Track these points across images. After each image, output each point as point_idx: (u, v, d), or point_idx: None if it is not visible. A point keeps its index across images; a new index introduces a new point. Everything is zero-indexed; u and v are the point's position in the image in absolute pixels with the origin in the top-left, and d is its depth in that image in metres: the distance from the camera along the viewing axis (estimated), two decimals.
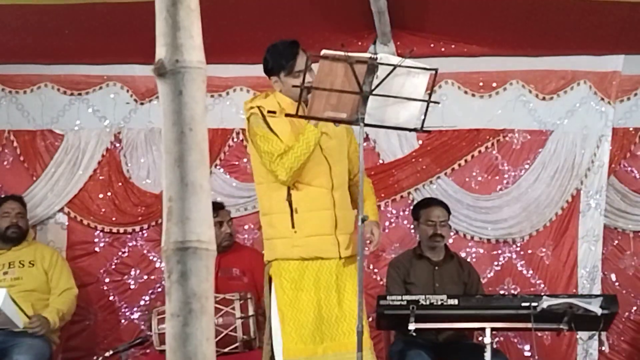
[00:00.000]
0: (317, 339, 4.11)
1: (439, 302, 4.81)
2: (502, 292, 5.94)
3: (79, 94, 6.33)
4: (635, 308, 5.97)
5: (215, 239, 1.89)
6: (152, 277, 6.10)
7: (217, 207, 5.56)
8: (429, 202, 5.58)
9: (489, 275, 6.00)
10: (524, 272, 6.01)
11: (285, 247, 4.22)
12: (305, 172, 4.21)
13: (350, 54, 3.79)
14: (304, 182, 4.24)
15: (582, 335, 5.71)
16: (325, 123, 4.09)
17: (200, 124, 1.86)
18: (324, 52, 3.78)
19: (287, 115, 4.01)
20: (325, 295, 4.17)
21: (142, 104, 6.26)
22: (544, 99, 6.08)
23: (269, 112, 4.19)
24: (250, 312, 4.94)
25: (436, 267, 5.45)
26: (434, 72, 3.84)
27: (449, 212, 5.53)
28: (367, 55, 3.81)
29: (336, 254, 4.17)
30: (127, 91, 6.29)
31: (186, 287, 1.81)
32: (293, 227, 4.20)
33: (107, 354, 5.11)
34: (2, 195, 6.08)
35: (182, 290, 1.81)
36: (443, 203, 5.57)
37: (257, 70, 6.18)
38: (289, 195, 4.23)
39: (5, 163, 6.35)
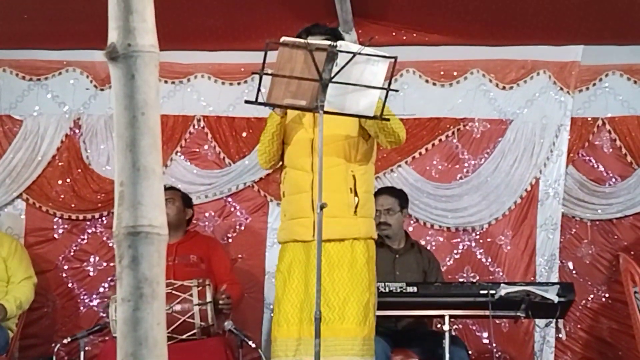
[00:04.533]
0: (291, 321, 4.12)
1: (398, 290, 4.84)
2: (461, 280, 5.98)
3: (38, 79, 6.28)
4: (592, 296, 6.03)
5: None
6: (112, 264, 6.05)
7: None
8: (377, 191, 5.56)
9: (448, 263, 6.04)
10: (483, 260, 6.05)
11: (279, 231, 4.38)
12: (292, 155, 4.27)
13: (310, 41, 3.79)
14: (290, 166, 4.29)
15: (539, 322, 5.78)
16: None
17: (153, 109, 1.84)
18: (283, 39, 3.77)
19: (246, 102, 3.99)
20: (297, 278, 4.18)
21: (102, 90, 6.22)
22: (504, 88, 6.13)
23: None
24: (208, 298, 4.92)
25: (397, 256, 5.47)
26: (393, 60, 3.84)
27: (401, 199, 5.51)
28: (326, 42, 3.80)
29: (310, 236, 4.13)
30: (87, 77, 6.26)
31: (137, 271, 1.80)
32: (283, 211, 4.34)
33: (65, 341, 5.05)
34: None
35: (133, 275, 1.80)
36: (392, 190, 5.58)
37: (219, 56, 6.23)
38: (282, 181, 4.33)
39: None
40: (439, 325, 5.35)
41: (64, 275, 6.15)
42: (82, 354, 4.99)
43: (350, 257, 4.17)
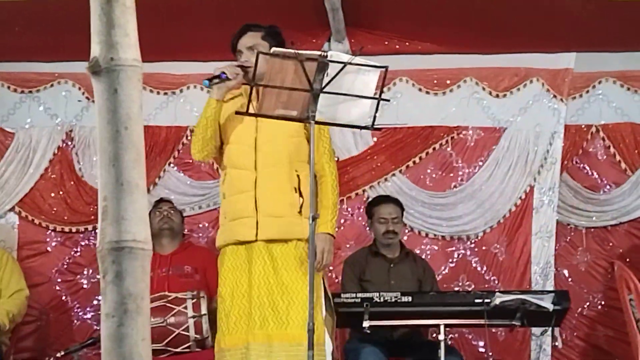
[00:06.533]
0: (239, 329, 4.07)
1: (393, 300, 4.82)
2: (456, 288, 5.96)
3: (30, 92, 6.26)
4: (588, 304, 6.01)
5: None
6: None
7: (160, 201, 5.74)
8: (381, 200, 5.60)
9: (443, 272, 6.02)
10: (478, 268, 6.03)
11: (218, 234, 4.27)
12: (233, 154, 4.21)
13: (300, 51, 3.77)
14: (230, 166, 4.22)
15: (535, 331, 5.76)
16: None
17: (136, 123, 1.84)
18: (274, 49, 3.77)
19: (237, 112, 3.98)
20: (243, 283, 4.11)
21: (94, 101, 6.15)
22: (497, 96, 6.12)
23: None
24: (203, 311, 4.90)
25: (392, 265, 5.45)
26: (384, 69, 3.82)
27: (402, 209, 5.54)
28: (317, 52, 3.79)
29: (252, 236, 4.08)
30: (79, 89, 6.24)
31: (121, 287, 1.79)
32: (224, 213, 4.23)
33: (59, 355, 5.03)
34: None
35: (118, 290, 1.79)
36: (395, 200, 5.58)
37: (211, 67, 6.15)
38: (223, 181, 4.26)
39: None
40: (434, 335, 5.32)
41: (57, 288, 6.11)
42: None
43: (294, 259, 4.10)
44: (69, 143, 6.23)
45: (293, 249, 4.11)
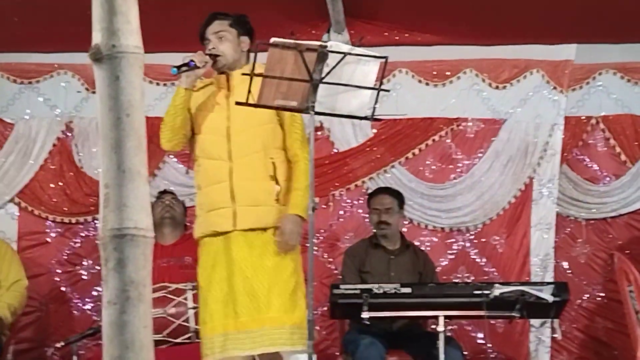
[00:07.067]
0: (215, 317, 4.05)
1: (393, 291, 4.81)
2: (456, 280, 5.96)
3: (29, 83, 6.26)
4: (587, 295, 6.03)
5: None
6: None
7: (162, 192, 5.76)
8: (376, 191, 5.64)
9: (443, 264, 6.02)
10: (478, 260, 6.04)
11: (196, 226, 4.26)
12: (206, 145, 4.18)
13: (300, 41, 3.76)
14: (204, 156, 4.19)
15: (534, 322, 5.77)
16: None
17: (138, 110, 1.83)
18: (273, 39, 3.75)
19: (237, 103, 3.97)
20: (220, 272, 4.09)
21: (93, 92, 6.17)
22: (497, 87, 6.12)
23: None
24: None
25: (392, 257, 5.45)
26: (384, 60, 3.82)
27: (400, 200, 5.52)
28: (317, 43, 3.78)
29: (230, 226, 4.06)
30: (79, 79, 6.23)
31: (123, 274, 1.79)
32: (200, 204, 4.22)
33: (58, 345, 5.04)
34: None
35: (119, 277, 1.79)
36: (391, 190, 5.58)
37: None
38: (197, 173, 4.25)
39: None
40: (433, 326, 5.32)
41: (57, 279, 6.11)
42: (75, 358, 4.97)
43: (272, 245, 4.08)
44: (69, 134, 6.23)
45: (271, 236, 4.09)
